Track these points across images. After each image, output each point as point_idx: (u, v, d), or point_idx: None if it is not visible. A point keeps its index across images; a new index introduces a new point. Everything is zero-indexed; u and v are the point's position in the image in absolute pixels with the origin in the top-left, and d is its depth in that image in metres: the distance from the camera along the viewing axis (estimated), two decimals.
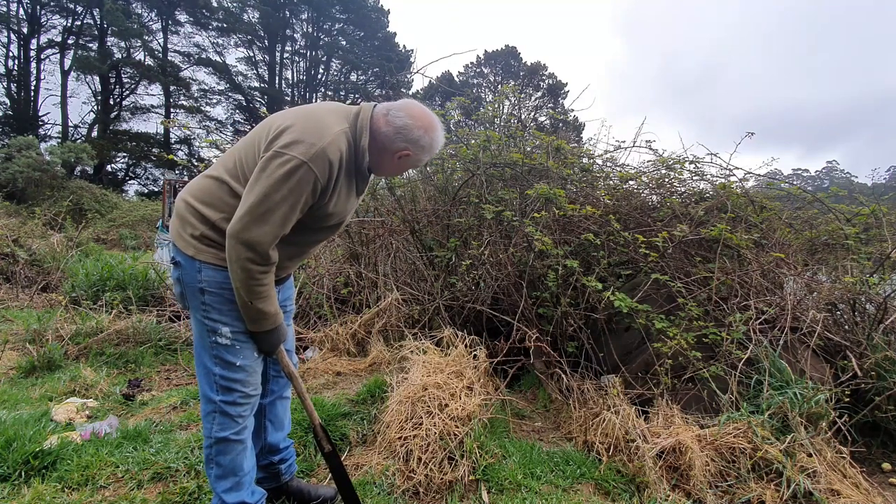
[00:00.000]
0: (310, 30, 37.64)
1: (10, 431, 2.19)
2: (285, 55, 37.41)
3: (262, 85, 35.86)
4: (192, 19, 31.97)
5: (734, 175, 3.83)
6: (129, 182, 31.19)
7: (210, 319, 1.53)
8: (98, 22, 28.67)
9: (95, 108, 29.70)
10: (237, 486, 1.62)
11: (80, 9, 28.23)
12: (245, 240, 1.39)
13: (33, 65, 28.35)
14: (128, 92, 30.81)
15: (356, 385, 3.09)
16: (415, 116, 1.54)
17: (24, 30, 27.61)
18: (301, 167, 1.39)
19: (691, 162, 3.92)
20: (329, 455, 1.79)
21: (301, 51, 37.96)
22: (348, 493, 1.80)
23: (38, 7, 27.62)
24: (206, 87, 33.49)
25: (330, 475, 1.93)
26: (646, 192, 4.17)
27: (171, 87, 31.14)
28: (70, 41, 28.70)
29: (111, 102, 30.12)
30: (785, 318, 2.69)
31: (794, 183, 8.79)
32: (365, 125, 1.53)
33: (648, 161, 4.51)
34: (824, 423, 2.25)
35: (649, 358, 2.76)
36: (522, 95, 24.38)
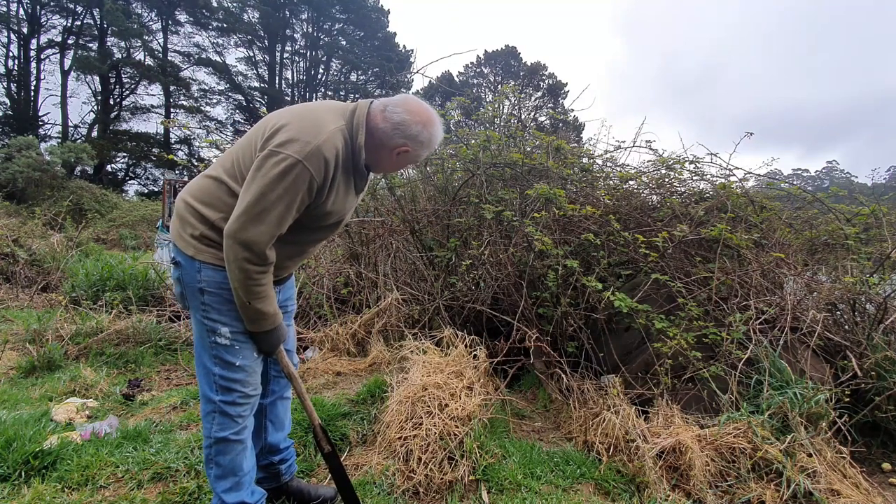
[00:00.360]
0: (310, 30, 37.64)
1: (10, 431, 2.19)
2: (285, 55, 37.41)
3: (262, 85, 35.86)
4: (192, 19, 31.97)
5: (734, 175, 3.84)
6: (129, 182, 31.22)
7: (209, 319, 1.53)
8: (98, 22, 28.68)
9: (95, 108, 29.73)
10: (237, 486, 1.62)
11: (80, 9, 28.24)
12: (241, 239, 1.39)
13: (33, 65, 28.37)
14: (128, 92, 30.83)
15: (356, 385, 3.08)
16: (412, 112, 1.52)
17: (24, 30, 27.62)
18: (296, 166, 1.38)
19: (691, 162, 3.92)
20: (329, 456, 1.78)
21: (301, 51, 37.98)
22: (348, 493, 1.80)
23: (38, 7, 27.62)
24: (206, 87, 33.53)
25: (330, 475, 1.93)
26: (646, 192, 4.17)
27: (171, 87, 31.14)
28: (70, 41, 28.71)
29: (111, 102, 30.13)
30: (785, 318, 2.69)
31: (794, 183, 8.79)
32: (361, 122, 1.52)
33: (648, 161, 4.52)
34: (824, 423, 2.25)
35: (649, 358, 2.76)
36: (522, 95, 24.39)
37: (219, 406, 1.57)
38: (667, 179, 4.06)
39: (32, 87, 28.33)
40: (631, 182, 4.09)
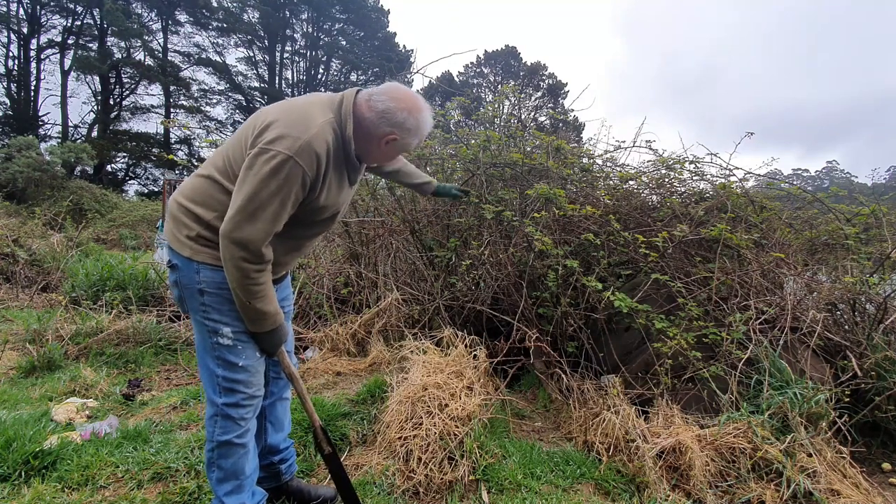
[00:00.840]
0: (310, 30, 37.65)
1: (10, 431, 2.18)
2: (285, 55, 37.43)
3: (262, 85, 35.87)
4: (192, 19, 32.00)
5: (734, 175, 3.84)
6: (129, 182, 31.26)
7: (211, 320, 1.52)
8: (98, 22, 28.69)
9: (95, 108, 29.75)
10: (238, 488, 1.61)
11: (80, 9, 28.25)
12: (237, 239, 1.38)
13: (33, 65, 28.39)
14: (128, 92, 30.86)
15: (356, 385, 3.08)
16: (397, 99, 1.49)
17: (24, 30, 27.63)
18: (287, 162, 1.37)
19: (691, 162, 3.92)
20: (329, 457, 1.78)
21: (301, 51, 38.00)
22: (349, 493, 1.79)
23: (38, 7, 27.63)
24: (206, 87, 33.56)
25: (330, 476, 1.93)
26: (646, 192, 4.17)
27: (171, 87, 31.17)
28: (70, 41, 28.73)
29: (111, 102, 30.15)
30: (785, 318, 2.69)
31: (794, 183, 8.79)
32: (349, 112, 1.50)
33: (648, 161, 4.52)
34: (824, 423, 2.25)
35: (649, 358, 2.76)
36: (522, 95, 24.36)
37: (221, 409, 1.56)
38: (667, 179, 4.06)
39: (32, 87, 28.36)
40: (631, 182, 4.09)
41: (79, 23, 28.63)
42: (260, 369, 1.63)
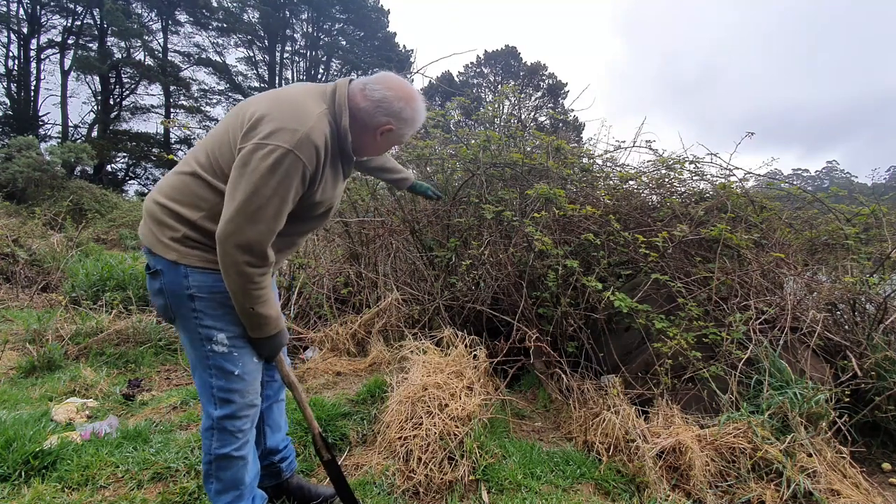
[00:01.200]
0: (310, 30, 37.65)
1: (10, 431, 2.19)
2: (285, 55, 37.42)
3: (262, 85, 35.83)
4: (192, 19, 31.97)
5: (734, 175, 3.84)
6: (129, 182, 31.23)
7: (204, 326, 1.45)
8: (98, 22, 28.67)
9: (95, 108, 29.71)
10: (238, 498, 1.58)
11: (80, 9, 28.23)
12: (240, 243, 1.31)
13: (33, 65, 28.35)
14: (128, 92, 30.82)
15: (356, 385, 3.08)
16: (393, 88, 1.45)
17: (24, 30, 27.61)
18: (287, 156, 1.30)
19: (691, 162, 3.92)
20: (328, 463, 1.77)
21: (301, 51, 37.98)
22: (348, 497, 1.79)
23: (38, 7, 27.62)
24: (206, 87, 33.51)
25: (329, 480, 1.93)
26: (646, 192, 4.17)
27: (171, 87, 31.14)
28: (70, 41, 28.70)
29: (111, 102, 30.12)
30: (785, 318, 2.69)
31: (794, 183, 8.79)
32: (343, 103, 1.44)
33: (648, 161, 4.52)
34: (824, 423, 2.25)
35: (649, 358, 2.76)
36: (522, 95, 24.36)
37: (217, 423, 1.50)
38: (667, 179, 4.06)
39: (32, 87, 28.33)
40: (631, 182, 4.09)
41: (79, 23, 28.61)
42: (257, 376, 1.57)
